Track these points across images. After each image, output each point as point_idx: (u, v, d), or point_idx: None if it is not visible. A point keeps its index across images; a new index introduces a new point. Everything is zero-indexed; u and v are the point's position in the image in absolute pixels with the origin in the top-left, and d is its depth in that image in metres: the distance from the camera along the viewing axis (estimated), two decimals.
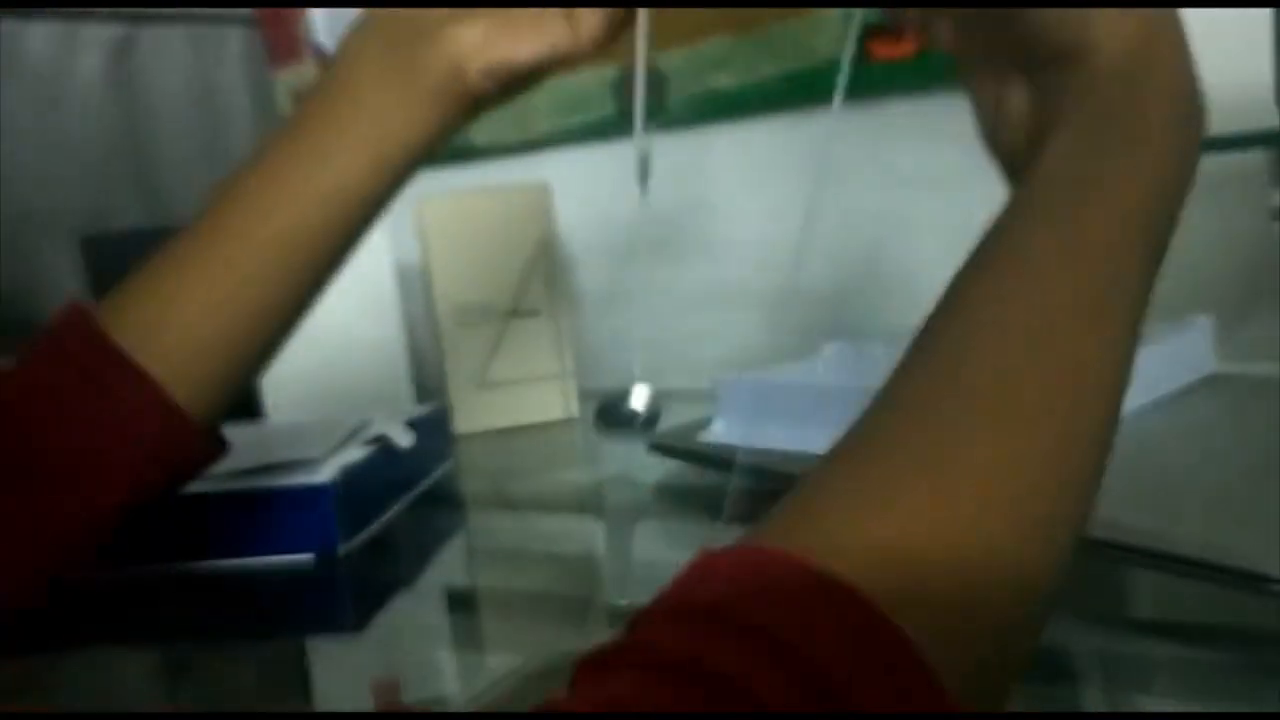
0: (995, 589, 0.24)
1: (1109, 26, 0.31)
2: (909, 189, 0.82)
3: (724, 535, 0.64)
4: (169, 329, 0.42)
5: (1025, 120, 0.34)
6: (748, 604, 0.22)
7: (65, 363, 0.42)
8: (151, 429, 0.42)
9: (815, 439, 0.57)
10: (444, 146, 0.45)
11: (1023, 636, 0.25)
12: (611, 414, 0.45)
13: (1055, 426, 0.26)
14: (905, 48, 0.79)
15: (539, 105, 0.98)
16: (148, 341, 0.42)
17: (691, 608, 0.23)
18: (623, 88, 0.92)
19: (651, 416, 0.44)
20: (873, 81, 0.81)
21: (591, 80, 0.94)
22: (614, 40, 0.44)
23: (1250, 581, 0.39)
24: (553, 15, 0.43)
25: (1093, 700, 0.38)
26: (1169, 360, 0.60)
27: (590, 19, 0.43)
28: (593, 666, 0.22)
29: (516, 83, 0.44)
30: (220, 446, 0.47)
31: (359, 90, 0.42)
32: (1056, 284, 0.28)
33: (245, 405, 0.81)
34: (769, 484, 0.58)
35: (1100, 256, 0.29)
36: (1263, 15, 0.53)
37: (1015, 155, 0.35)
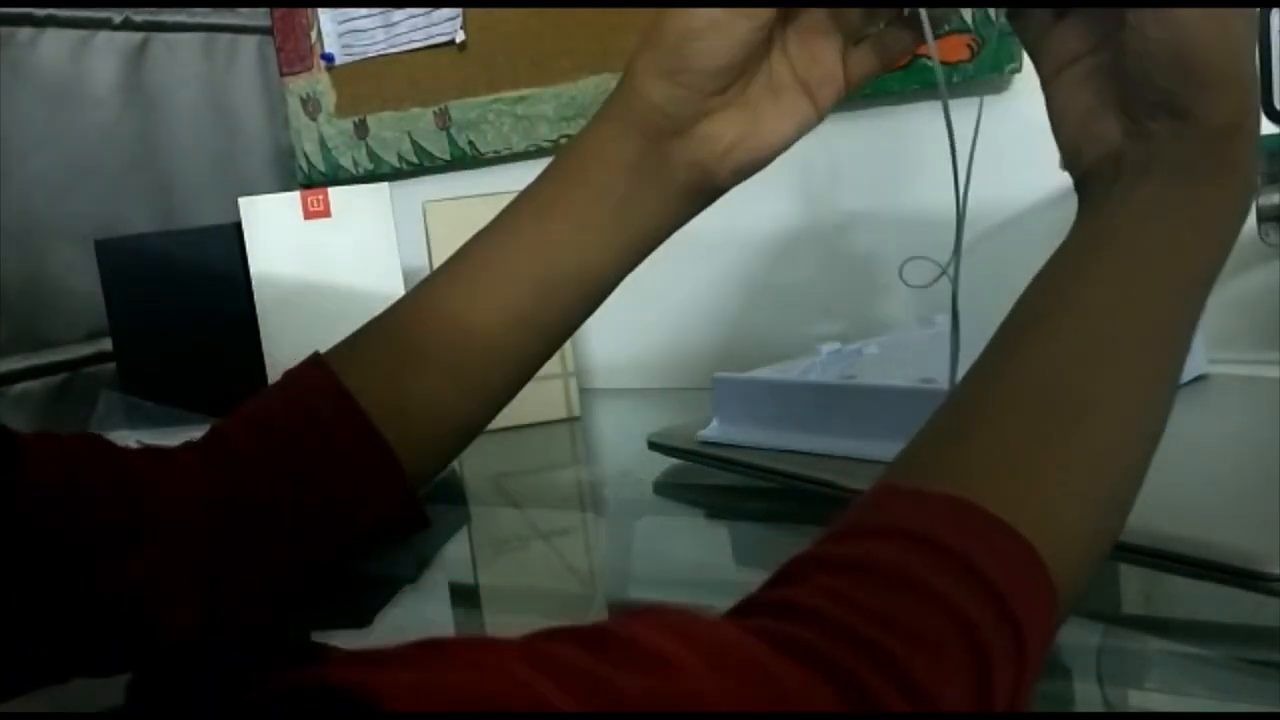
0: (1099, 553, 0.32)
1: (1215, 99, 0.34)
2: (902, 191, 0.83)
3: (722, 534, 0.64)
4: (416, 411, 0.42)
5: (1111, 146, 0.36)
6: (957, 538, 0.27)
7: (307, 423, 0.41)
8: (379, 504, 0.42)
9: (813, 438, 0.58)
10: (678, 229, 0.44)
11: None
12: None
13: (1141, 432, 0.33)
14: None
15: (544, 113, 0.99)
16: (394, 416, 0.42)
17: (902, 530, 0.28)
18: None
19: None
20: (864, 89, 0.82)
21: (593, 89, 0.95)
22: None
23: (1247, 578, 0.39)
24: (791, 89, 0.42)
25: (1092, 698, 0.39)
26: None
27: (828, 90, 0.42)
28: (814, 564, 0.27)
29: (759, 169, 0.43)
30: (426, 523, 0.46)
31: (609, 179, 0.42)
32: (1137, 315, 0.34)
33: None
34: (767, 482, 0.59)
35: (1168, 297, 0.34)
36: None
37: (1091, 171, 0.37)
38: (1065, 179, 0.39)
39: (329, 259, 0.81)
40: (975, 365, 0.34)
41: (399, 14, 1.06)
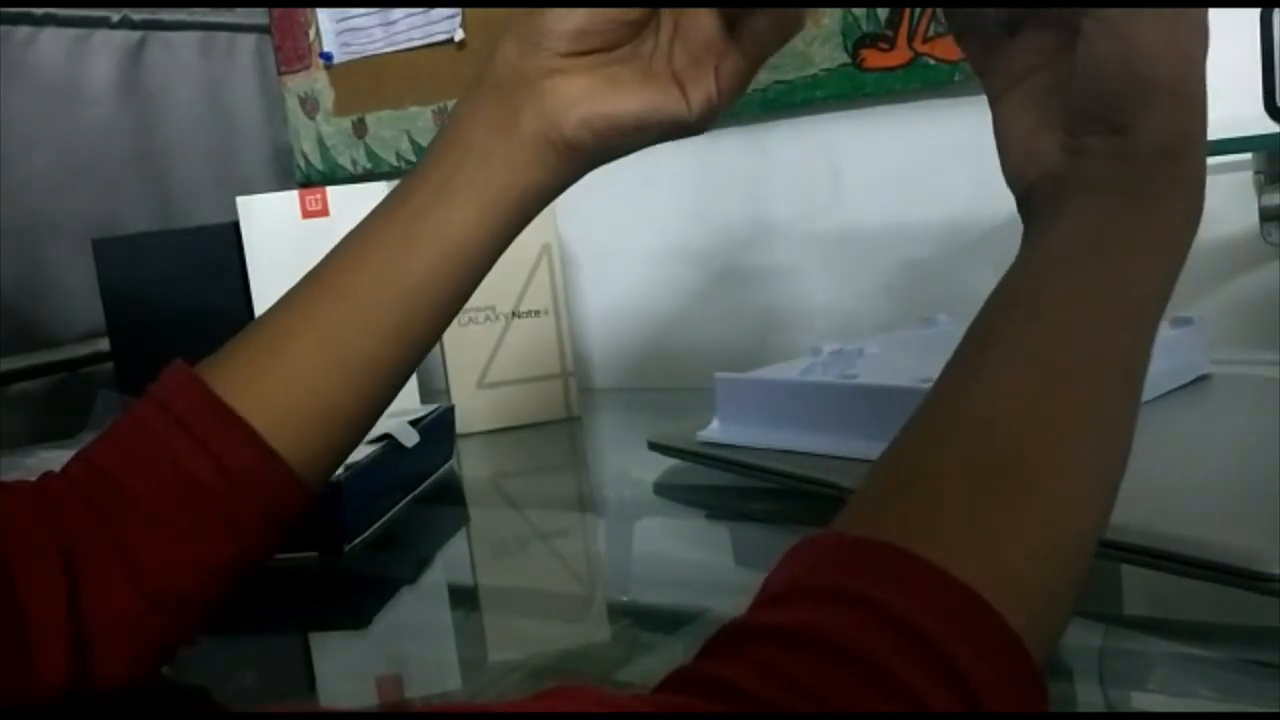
0: (1063, 590, 0.30)
1: (1158, 115, 0.33)
2: (903, 191, 0.83)
3: (722, 534, 0.64)
4: (281, 388, 0.42)
5: (1053, 164, 0.36)
6: (899, 597, 0.25)
7: (169, 422, 0.41)
8: (258, 488, 0.41)
9: (813, 438, 0.58)
10: (554, 197, 0.44)
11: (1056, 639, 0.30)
12: None
13: (1101, 471, 0.31)
14: (896, 57, 0.80)
15: None
16: (259, 399, 0.42)
17: (842, 591, 0.26)
18: None
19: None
20: (866, 88, 0.83)
21: None
22: (724, 111, 0.43)
23: (1247, 579, 0.39)
24: (663, 79, 0.42)
25: (1092, 698, 0.39)
26: (1162, 361, 0.60)
27: (700, 90, 0.42)
28: (748, 635, 0.26)
29: (620, 138, 0.42)
30: (310, 500, 0.45)
31: (468, 138, 0.42)
32: (1089, 345, 0.32)
33: None
34: (767, 482, 0.59)
35: (1120, 325, 0.33)
36: (1251, 19, 0.54)
37: (1034, 189, 0.37)
38: None
39: None
40: (924, 403, 0.33)
41: (397, 12, 1.05)
